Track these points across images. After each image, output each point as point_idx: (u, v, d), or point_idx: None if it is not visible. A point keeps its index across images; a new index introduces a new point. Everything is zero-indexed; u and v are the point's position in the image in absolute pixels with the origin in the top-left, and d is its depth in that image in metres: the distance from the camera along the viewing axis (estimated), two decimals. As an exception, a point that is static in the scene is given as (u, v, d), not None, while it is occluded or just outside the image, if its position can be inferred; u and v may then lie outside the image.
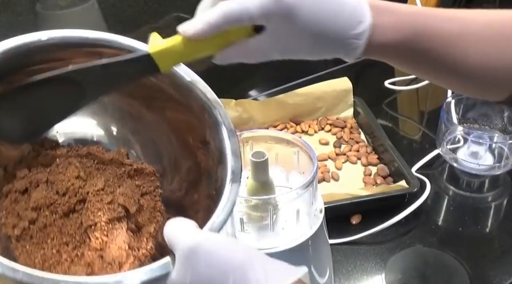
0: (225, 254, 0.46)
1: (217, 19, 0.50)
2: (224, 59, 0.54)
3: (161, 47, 0.53)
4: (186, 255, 0.46)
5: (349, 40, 0.53)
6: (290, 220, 0.65)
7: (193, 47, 0.53)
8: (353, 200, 0.88)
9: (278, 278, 0.45)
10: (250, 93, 1.20)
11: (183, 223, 0.49)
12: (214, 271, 0.45)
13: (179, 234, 0.47)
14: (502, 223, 0.91)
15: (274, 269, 0.46)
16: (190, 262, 0.46)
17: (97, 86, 0.56)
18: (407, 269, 0.83)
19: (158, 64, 0.54)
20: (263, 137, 0.70)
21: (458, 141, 1.01)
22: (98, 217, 0.54)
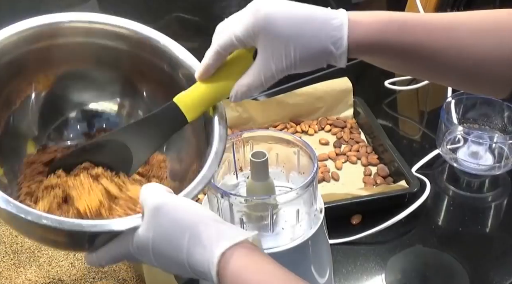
0: (184, 213, 0.52)
1: (215, 50, 0.58)
2: (238, 95, 0.60)
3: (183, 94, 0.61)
4: (151, 212, 0.52)
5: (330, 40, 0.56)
6: (290, 220, 0.65)
7: (210, 87, 0.61)
8: (353, 200, 0.88)
9: (228, 236, 0.50)
10: (250, 93, 1.20)
11: (154, 186, 0.55)
12: (174, 227, 0.51)
13: (149, 195, 0.54)
14: (502, 223, 0.91)
15: (226, 229, 0.51)
16: (154, 218, 0.52)
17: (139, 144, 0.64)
18: (407, 269, 0.83)
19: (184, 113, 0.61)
20: (263, 137, 0.70)
21: (458, 141, 1.01)
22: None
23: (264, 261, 0.50)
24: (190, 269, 0.51)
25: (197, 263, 0.50)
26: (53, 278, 0.75)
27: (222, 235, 0.50)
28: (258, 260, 0.50)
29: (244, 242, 0.50)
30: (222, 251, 0.48)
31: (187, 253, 0.50)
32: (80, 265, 0.77)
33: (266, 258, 0.50)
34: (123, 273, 0.76)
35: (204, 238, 0.50)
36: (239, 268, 0.48)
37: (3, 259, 0.78)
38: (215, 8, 1.08)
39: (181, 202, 0.54)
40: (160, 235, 0.51)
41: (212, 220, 0.51)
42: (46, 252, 0.79)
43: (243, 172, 0.71)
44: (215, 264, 0.48)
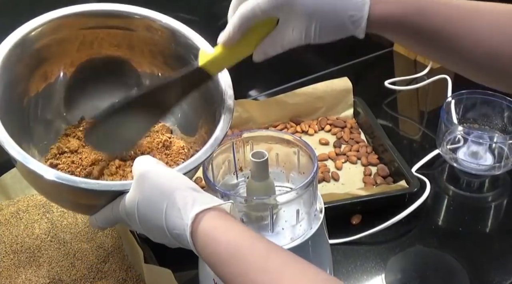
0: (165, 180, 0.57)
1: (239, 21, 0.60)
2: (260, 55, 0.63)
3: (208, 59, 0.65)
4: (137, 179, 0.58)
5: (351, 12, 0.58)
6: (290, 220, 0.65)
7: (233, 51, 0.64)
8: (353, 200, 0.88)
9: (203, 202, 0.54)
10: (250, 93, 1.20)
11: (145, 158, 0.61)
12: (155, 193, 0.56)
13: (138, 164, 0.60)
14: (502, 223, 0.91)
15: (202, 196, 0.55)
16: (139, 184, 0.57)
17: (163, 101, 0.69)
18: (407, 269, 0.83)
19: (209, 72, 0.66)
20: (263, 137, 0.70)
21: (458, 141, 1.01)
22: None
23: (234, 223, 0.53)
24: (168, 233, 0.55)
25: (173, 226, 0.54)
26: (53, 278, 0.75)
27: (197, 200, 0.54)
28: (227, 222, 0.53)
29: (217, 208, 0.54)
30: (195, 213, 0.53)
31: (165, 216, 0.54)
32: (80, 265, 0.77)
33: (236, 221, 0.54)
34: (123, 273, 0.76)
35: (181, 203, 0.54)
36: (209, 228, 0.52)
37: (3, 259, 0.78)
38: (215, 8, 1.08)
39: (164, 170, 0.59)
40: (144, 199, 0.56)
41: (190, 188, 0.56)
42: (46, 252, 0.79)
43: (243, 172, 0.71)
44: (188, 226, 0.53)
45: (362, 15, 0.58)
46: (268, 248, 0.51)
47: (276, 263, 0.49)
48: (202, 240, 0.53)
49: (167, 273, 0.71)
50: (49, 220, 0.83)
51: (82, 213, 0.79)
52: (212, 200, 0.55)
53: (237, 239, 0.52)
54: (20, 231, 0.82)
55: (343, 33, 0.60)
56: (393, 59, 1.32)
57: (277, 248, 0.52)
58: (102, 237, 0.81)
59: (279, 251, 0.51)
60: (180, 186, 0.56)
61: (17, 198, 0.88)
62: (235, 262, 0.51)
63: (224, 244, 0.51)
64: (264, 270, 0.49)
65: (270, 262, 0.49)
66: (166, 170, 0.59)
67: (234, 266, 0.50)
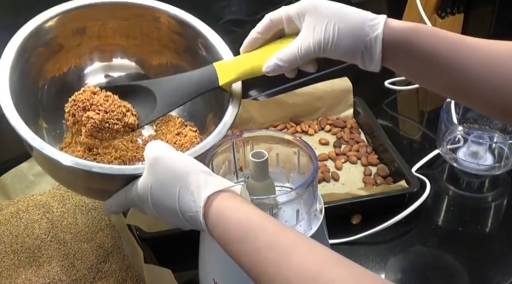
0: (177, 164, 0.58)
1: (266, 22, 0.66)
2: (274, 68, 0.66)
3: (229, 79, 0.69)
4: (150, 162, 0.59)
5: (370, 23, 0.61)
6: (290, 220, 0.65)
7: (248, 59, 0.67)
8: (353, 200, 0.88)
9: (214, 184, 0.55)
10: (250, 93, 1.20)
11: (157, 142, 0.62)
12: (169, 176, 0.57)
13: (150, 149, 0.60)
14: (502, 223, 0.91)
15: (214, 179, 0.57)
16: (152, 167, 0.59)
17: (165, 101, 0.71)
18: (407, 269, 0.83)
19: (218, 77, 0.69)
20: (263, 137, 0.70)
21: (458, 141, 1.01)
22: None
23: (244, 203, 0.55)
24: (181, 215, 0.56)
25: (186, 208, 0.56)
26: (53, 278, 0.75)
27: (209, 183, 0.56)
28: (238, 203, 0.54)
29: (228, 190, 0.56)
30: (207, 195, 0.54)
31: (179, 199, 0.56)
32: (80, 265, 0.77)
33: (246, 202, 0.55)
34: (123, 273, 0.76)
35: (193, 186, 0.55)
36: (220, 209, 0.54)
37: (3, 259, 0.78)
38: (215, 8, 1.08)
39: (177, 155, 0.60)
40: (156, 183, 0.58)
41: (202, 171, 0.57)
42: (46, 252, 0.79)
43: (243, 172, 0.71)
44: (201, 207, 0.54)
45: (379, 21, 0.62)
46: (278, 226, 0.52)
47: (287, 240, 0.50)
48: (214, 220, 0.54)
49: (167, 273, 0.71)
50: (49, 220, 0.83)
51: (97, 198, 0.81)
52: (224, 182, 0.56)
53: (248, 218, 0.53)
54: (20, 231, 0.82)
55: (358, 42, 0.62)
56: (393, 59, 1.32)
57: (287, 227, 0.53)
58: (102, 237, 0.81)
59: (289, 230, 0.52)
60: (192, 169, 0.57)
61: (17, 198, 0.88)
62: (246, 239, 0.52)
63: (236, 223, 0.53)
64: (275, 247, 0.50)
65: (280, 240, 0.50)
66: (178, 154, 0.60)
67: (245, 243, 0.52)
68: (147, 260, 0.74)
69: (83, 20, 0.76)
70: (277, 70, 0.67)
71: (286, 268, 0.48)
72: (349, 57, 0.64)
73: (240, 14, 1.12)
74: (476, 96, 0.61)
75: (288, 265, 0.48)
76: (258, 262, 0.50)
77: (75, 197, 0.87)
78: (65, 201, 0.86)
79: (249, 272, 0.52)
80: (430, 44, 0.60)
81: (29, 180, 0.89)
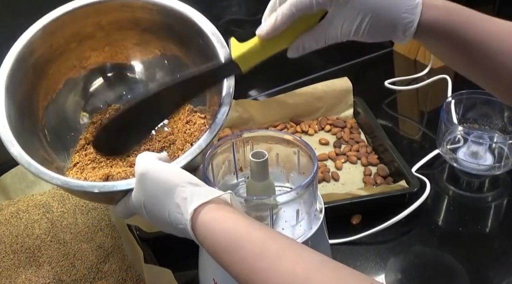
0: (163, 179, 0.58)
1: (289, 10, 0.59)
2: (298, 50, 0.63)
3: (242, 51, 0.63)
4: (138, 179, 0.59)
5: (404, 15, 0.58)
6: (290, 220, 0.65)
7: (269, 45, 0.62)
8: (353, 200, 0.88)
9: (201, 195, 0.55)
10: (250, 93, 1.20)
11: (145, 155, 0.61)
12: (156, 192, 0.58)
13: (138, 163, 0.60)
14: (502, 223, 0.91)
15: (200, 189, 0.56)
16: (141, 184, 0.59)
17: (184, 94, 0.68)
18: (407, 269, 0.83)
19: (240, 67, 0.64)
20: (263, 137, 0.70)
21: (458, 141, 1.01)
22: None
23: (231, 213, 0.55)
24: (174, 227, 0.57)
25: (177, 221, 0.56)
26: (53, 278, 0.75)
27: (195, 195, 0.56)
28: (225, 213, 0.54)
29: (215, 200, 0.55)
30: (194, 208, 0.54)
31: (169, 213, 0.57)
32: (80, 265, 0.77)
33: (233, 211, 0.55)
34: (123, 273, 0.76)
35: (180, 199, 0.56)
36: (207, 221, 0.54)
37: (3, 259, 0.78)
38: (215, 8, 1.08)
39: (163, 168, 0.59)
40: (147, 198, 0.59)
41: (188, 183, 0.57)
42: (46, 252, 0.79)
43: (243, 172, 0.71)
44: (188, 221, 0.55)
45: (414, 18, 0.58)
46: (265, 234, 0.52)
47: (274, 248, 0.50)
48: (202, 232, 0.54)
49: (167, 273, 0.71)
50: (49, 220, 0.83)
51: (105, 203, 0.83)
52: (211, 192, 0.56)
53: (234, 227, 0.53)
54: (20, 231, 0.81)
55: (391, 33, 0.60)
56: (393, 59, 1.32)
57: (275, 234, 0.53)
58: (102, 237, 0.81)
59: (277, 237, 0.52)
60: (179, 182, 0.57)
61: (17, 198, 0.88)
62: (233, 250, 0.52)
63: (222, 233, 0.53)
64: (262, 256, 0.50)
65: (267, 248, 0.51)
66: (165, 167, 0.60)
67: (232, 253, 0.52)
68: (147, 260, 0.74)
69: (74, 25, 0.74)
70: (301, 54, 0.64)
71: (274, 276, 0.49)
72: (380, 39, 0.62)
73: (240, 14, 1.12)
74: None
75: (276, 272, 0.49)
76: (246, 271, 0.51)
77: (75, 197, 0.87)
78: (65, 201, 0.86)
79: (238, 281, 0.52)
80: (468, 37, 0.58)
81: (29, 180, 0.90)
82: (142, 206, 0.59)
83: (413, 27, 0.59)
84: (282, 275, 0.48)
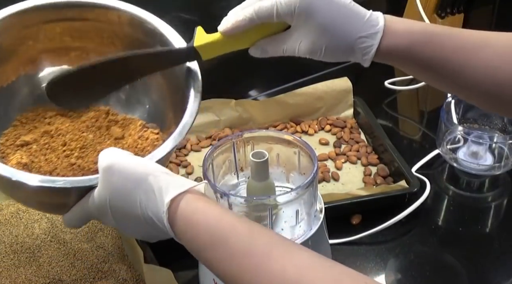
0: (134, 169, 0.54)
1: (250, 16, 0.60)
2: (258, 51, 0.64)
3: (205, 41, 0.65)
4: (104, 172, 0.55)
5: (362, 39, 0.59)
6: (290, 220, 0.65)
7: (231, 40, 0.64)
8: (353, 200, 0.88)
9: (177, 185, 0.52)
10: (250, 93, 1.20)
11: (110, 149, 0.58)
12: (126, 183, 0.53)
13: (102, 157, 0.56)
14: (502, 223, 0.91)
15: (175, 179, 0.53)
16: (107, 177, 0.54)
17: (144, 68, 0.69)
18: (407, 269, 0.83)
19: (201, 55, 0.66)
20: (263, 137, 0.70)
21: (458, 141, 1.01)
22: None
23: (212, 205, 0.52)
24: (146, 223, 0.53)
25: (151, 215, 0.52)
26: (53, 278, 0.75)
27: (171, 184, 0.52)
28: (206, 204, 0.51)
29: (192, 190, 0.52)
30: (171, 198, 0.51)
31: (141, 206, 0.52)
32: (80, 265, 0.77)
33: (214, 202, 0.53)
34: (123, 273, 0.76)
35: (155, 189, 0.52)
36: (187, 213, 0.51)
37: (3, 259, 0.78)
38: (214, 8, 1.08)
39: (133, 159, 0.56)
40: (114, 192, 0.54)
41: (161, 173, 0.54)
42: (46, 252, 0.79)
43: (243, 172, 0.71)
44: (165, 212, 0.51)
45: (373, 43, 0.59)
46: (250, 229, 0.50)
47: (260, 244, 0.48)
48: (181, 225, 0.51)
49: (167, 273, 0.71)
50: (49, 220, 0.83)
51: (54, 213, 0.78)
52: (186, 182, 0.53)
53: (217, 222, 0.50)
54: (20, 231, 0.81)
55: (350, 56, 0.61)
56: (393, 59, 1.32)
57: (260, 228, 0.51)
58: (102, 237, 0.81)
59: (262, 232, 0.50)
60: (150, 172, 0.54)
61: (17, 198, 0.88)
62: (217, 246, 0.49)
63: (204, 228, 0.50)
64: (249, 253, 0.48)
65: (254, 245, 0.48)
66: (134, 158, 0.57)
67: (217, 250, 0.49)
68: (147, 260, 0.74)
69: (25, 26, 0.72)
70: (262, 56, 0.65)
71: (263, 274, 0.46)
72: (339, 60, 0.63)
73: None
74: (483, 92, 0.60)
75: (265, 271, 0.46)
76: (233, 269, 0.48)
77: (75, 197, 0.87)
78: (65, 201, 0.87)
79: (224, 279, 0.49)
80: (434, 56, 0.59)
81: (29, 180, 0.89)
82: (106, 203, 0.54)
83: (371, 52, 0.59)
84: (273, 274, 0.46)
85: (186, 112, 0.67)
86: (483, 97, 0.61)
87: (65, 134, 0.72)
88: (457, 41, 0.59)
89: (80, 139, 0.72)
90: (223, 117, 1.05)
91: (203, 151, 1.00)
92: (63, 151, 0.70)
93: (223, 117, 1.05)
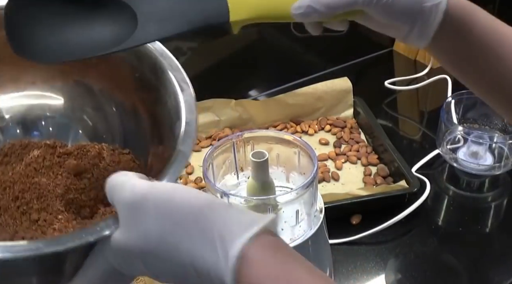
0: (177, 203, 0.39)
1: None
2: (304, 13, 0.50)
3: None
4: (129, 210, 0.40)
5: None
6: (290, 220, 0.65)
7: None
8: (353, 200, 0.88)
9: (242, 226, 0.38)
10: (250, 93, 1.20)
11: (122, 176, 0.43)
12: (165, 223, 0.39)
13: (118, 190, 0.41)
14: (502, 223, 0.91)
15: (237, 217, 0.39)
16: (134, 217, 0.40)
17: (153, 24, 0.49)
18: (407, 269, 0.83)
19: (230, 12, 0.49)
20: (263, 137, 0.70)
21: (458, 141, 1.01)
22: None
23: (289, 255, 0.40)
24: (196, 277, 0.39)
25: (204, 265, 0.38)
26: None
27: (234, 225, 0.38)
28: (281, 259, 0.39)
29: (262, 234, 0.39)
30: (238, 250, 0.37)
31: (189, 254, 0.39)
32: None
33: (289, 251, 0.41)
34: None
35: (210, 232, 0.38)
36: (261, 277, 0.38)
37: None
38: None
39: (168, 188, 0.41)
40: (149, 238, 0.40)
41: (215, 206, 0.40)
42: (46, 252, 0.78)
43: (244, 172, 0.72)
44: (231, 269, 0.37)
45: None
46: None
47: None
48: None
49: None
50: None
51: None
52: (251, 219, 0.39)
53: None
54: (20, 231, 0.81)
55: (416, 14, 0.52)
56: (393, 59, 1.32)
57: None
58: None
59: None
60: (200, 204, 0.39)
61: (17, 198, 0.87)
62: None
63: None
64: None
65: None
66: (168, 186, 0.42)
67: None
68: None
69: None
70: (310, 15, 0.50)
71: None
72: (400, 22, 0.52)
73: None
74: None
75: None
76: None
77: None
78: (65, 201, 0.86)
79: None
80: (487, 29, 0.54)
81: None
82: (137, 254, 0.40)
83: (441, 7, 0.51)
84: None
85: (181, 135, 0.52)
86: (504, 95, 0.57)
87: (11, 186, 0.54)
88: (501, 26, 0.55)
89: (32, 187, 0.54)
90: (223, 117, 1.05)
91: (203, 151, 1.00)
92: (17, 208, 0.53)
93: (223, 117, 1.05)
